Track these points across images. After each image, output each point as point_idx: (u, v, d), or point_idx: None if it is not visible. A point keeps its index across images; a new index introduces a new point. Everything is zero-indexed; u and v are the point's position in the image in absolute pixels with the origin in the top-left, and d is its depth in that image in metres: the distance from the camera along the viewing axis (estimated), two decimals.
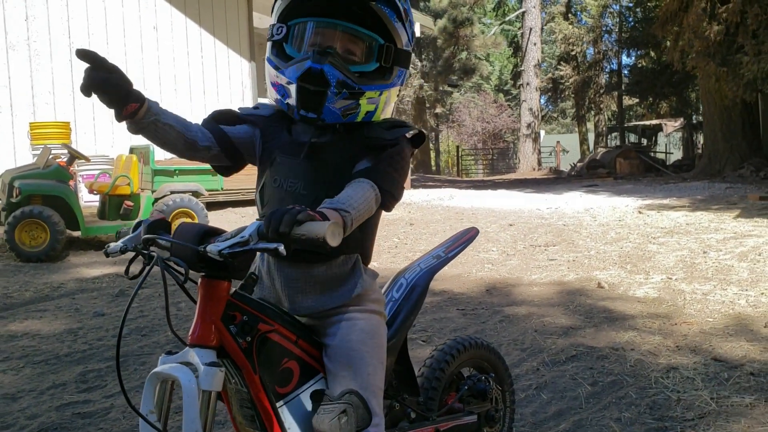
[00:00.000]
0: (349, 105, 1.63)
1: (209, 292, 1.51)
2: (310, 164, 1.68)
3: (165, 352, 1.54)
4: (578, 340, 4.04)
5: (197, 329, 1.50)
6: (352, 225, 1.47)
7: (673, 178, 18.03)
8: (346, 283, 1.72)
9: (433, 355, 2.26)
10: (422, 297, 2.08)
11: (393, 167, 1.64)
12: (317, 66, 1.58)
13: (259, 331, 1.57)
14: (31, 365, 3.79)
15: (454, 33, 27.84)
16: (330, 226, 1.29)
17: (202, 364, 1.45)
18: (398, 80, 1.72)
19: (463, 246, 2.32)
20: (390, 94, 1.71)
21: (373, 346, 1.72)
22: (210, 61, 12.46)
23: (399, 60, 1.70)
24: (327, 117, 1.63)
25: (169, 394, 1.53)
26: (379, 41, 1.66)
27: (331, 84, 1.59)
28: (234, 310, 1.54)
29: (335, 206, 1.45)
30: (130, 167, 7.80)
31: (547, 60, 36.91)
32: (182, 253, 1.45)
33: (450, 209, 11.37)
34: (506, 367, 2.49)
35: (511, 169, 32.09)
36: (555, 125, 47.92)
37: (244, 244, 1.37)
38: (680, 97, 28.05)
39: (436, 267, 2.17)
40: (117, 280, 6.00)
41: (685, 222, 8.67)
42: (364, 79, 1.65)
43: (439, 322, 4.52)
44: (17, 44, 10.01)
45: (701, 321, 4.35)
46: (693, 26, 15.98)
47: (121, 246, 1.55)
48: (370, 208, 1.56)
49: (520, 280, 5.80)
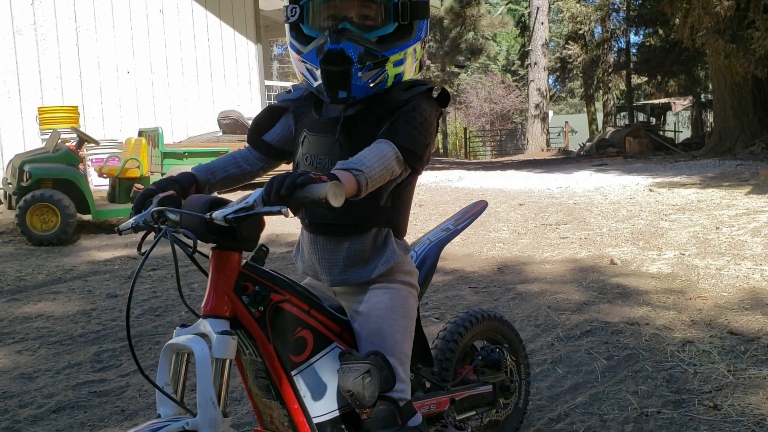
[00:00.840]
0: (376, 74, 1.63)
1: (220, 263, 1.52)
2: (340, 139, 1.68)
3: (179, 326, 1.54)
4: (592, 315, 4.03)
5: (210, 300, 1.50)
6: (368, 184, 1.46)
7: (683, 156, 17.89)
8: (378, 256, 1.73)
9: (446, 327, 2.27)
10: (432, 268, 2.09)
11: (409, 123, 1.61)
12: (336, 46, 1.58)
13: (271, 300, 1.57)
14: (46, 346, 3.81)
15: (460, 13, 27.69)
16: (331, 186, 1.30)
17: (215, 333, 1.45)
18: (421, 33, 1.69)
19: (472, 219, 2.32)
20: (415, 50, 1.69)
21: (402, 315, 1.74)
22: (216, 43, 12.41)
23: (417, 13, 1.66)
24: (357, 93, 1.63)
25: (185, 367, 1.53)
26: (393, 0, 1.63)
27: (353, 60, 1.59)
28: (246, 281, 1.54)
29: (346, 166, 1.45)
30: (139, 150, 7.80)
31: (555, 39, 36.62)
32: (190, 224, 1.46)
33: (459, 190, 11.34)
34: (520, 339, 2.48)
35: (519, 150, 31.94)
36: (563, 105, 47.65)
37: (248, 209, 1.39)
38: (689, 75, 27.79)
39: (445, 239, 2.18)
40: (129, 262, 6.02)
41: (696, 199, 8.61)
42: (385, 44, 1.63)
43: (451, 299, 4.51)
44: (24, 29, 9.99)
45: (716, 295, 4.32)
46: (703, 2, 15.78)
47: (132, 223, 1.56)
48: (388, 166, 1.53)
49: (532, 258, 5.78)
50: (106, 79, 10.89)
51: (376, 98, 1.68)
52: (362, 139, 1.63)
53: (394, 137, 1.58)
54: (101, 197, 8.21)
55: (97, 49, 10.79)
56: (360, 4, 1.62)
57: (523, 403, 2.44)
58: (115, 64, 11.01)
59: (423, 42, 1.72)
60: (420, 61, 1.74)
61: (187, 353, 1.51)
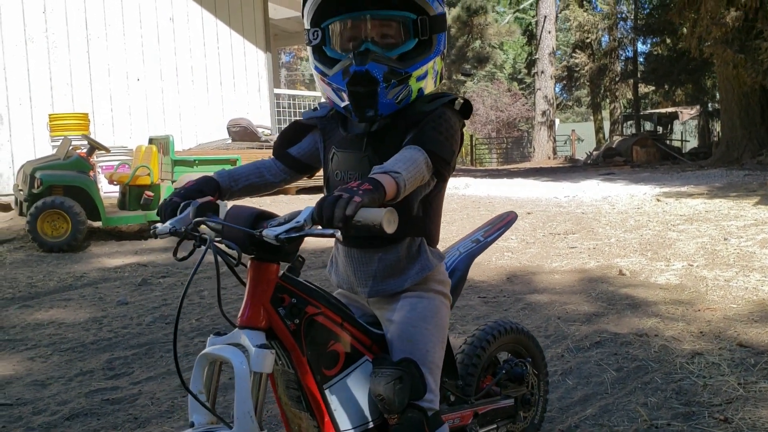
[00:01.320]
0: (400, 90, 1.67)
1: (259, 274, 1.52)
2: (368, 154, 1.71)
3: (213, 333, 1.55)
4: (601, 326, 4.04)
5: (247, 311, 1.51)
6: (405, 186, 1.47)
7: (690, 165, 17.87)
8: (412, 266, 1.75)
9: (471, 338, 2.25)
10: (462, 280, 2.08)
11: (436, 129, 1.64)
12: (362, 68, 1.62)
13: (306, 313, 1.59)
14: (58, 353, 3.84)
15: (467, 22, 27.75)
16: (386, 213, 1.31)
17: (253, 346, 1.47)
18: (440, 46, 1.73)
19: (503, 230, 2.30)
20: (435, 63, 1.73)
21: (434, 325, 1.76)
22: (226, 52, 12.47)
23: (435, 27, 1.69)
24: (384, 110, 1.67)
25: (217, 375, 1.55)
26: (411, 17, 1.67)
27: (379, 81, 1.63)
28: (283, 293, 1.56)
29: (385, 170, 1.46)
30: (150, 158, 7.85)
31: (562, 48, 36.65)
32: (234, 236, 1.47)
33: (466, 198, 11.35)
34: (542, 354, 2.46)
35: (525, 158, 31.94)
36: (570, 114, 47.63)
37: (299, 229, 1.39)
38: (696, 85, 27.77)
39: (475, 251, 2.17)
40: (139, 270, 6.05)
41: (704, 209, 8.61)
42: (407, 61, 1.68)
43: (460, 309, 4.52)
44: (35, 36, 10.07)
45: (725, 307, 4.33)
46: (711, 12, 15.80)
47: (170, 228, 1.55)
48: (420, 170, 1.55)
49: (541, 267, 5.79)
50: (116, 86, 10.95)
51: (401, 112, 1.71)
52: (389, 153, 1.65)
53: (421, 143, 1.61)
54: (111, 204, 8.26)
55: (108, 57, 10.87)
56: (380, 23, 1.66)
57: (539, 420, 2.44)
58: (126, 72, 11.08)
59: (442, 54, 1.76)
60: (440, 74, 1.77)
61: (220, 362, 1.52)
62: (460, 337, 3.77)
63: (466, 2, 27.31)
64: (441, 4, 1.72)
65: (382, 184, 1.39)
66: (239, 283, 1.59)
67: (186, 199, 1.64)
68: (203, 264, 1.48)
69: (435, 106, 1.68)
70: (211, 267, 1.43)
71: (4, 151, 9.74)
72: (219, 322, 4.25)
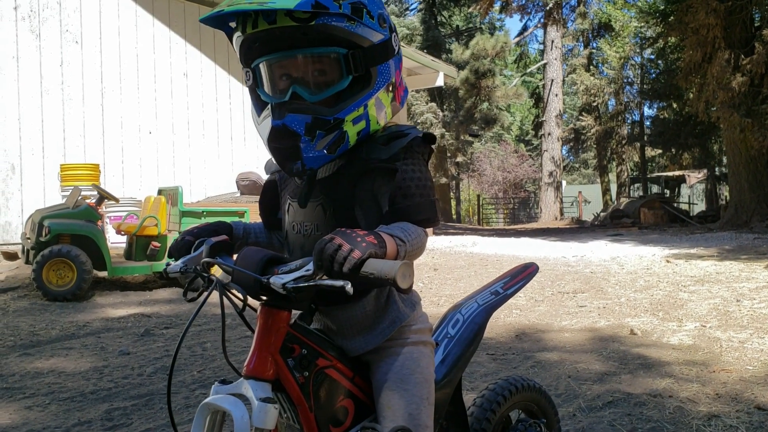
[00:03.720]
0: (332, 139, 1.50)
1: (269, 321, 1.44)
2: (322, 202, 1.59)
3: (219, 381, 1.46)
4: (614, 386, 3.92)
5: (254, 360, 1.42)
6: (404, 258, 1.37)
7: (698, 228, 17.82)
8: (382, 319, 1.61)
9: (484, 395, 2.12)
10: (480, 334, 1.97)
11: (409, 194, 1.50)
12: (278, 123, 1.48)
13: (317, 365, 1.49)
14: (56, 402, 3.75)
15: (475, 84, 28.14)
16: (401, 266, 1.21)
17: (257, 399, 1.37)
18: (383, 78, 1.55)
19: (523, 282, 2.19)
20: (379, 98, 1.55)
21: (416, 382, 1.60)
22: (237, 107, 12.66)
23: (373, 59, 1.52)
24: (312, 164, 1.51)
25: (219, 426, 1.46)
26: (341, 52, 1.49)
27: (299, 134, 1.48)
28: (293, 342, 1.46)
29: (392, 233, 1.36)
30: (158, 208, 7.86)
31: (569, 111, 37.10)
32: (243, 281, 1.37)
33: (473, 255, 11.29)
34: (556, 413, 2.35)
35: (532, 219, 31.98)
36: (577, 176, 47.89)
37: (308, 278, 1.31)
38: (703, 148, 27.93)
39: (494, 304, 2.06)
40: (142, 320, 5.98)
41: (714, 271, 8.52)
42: (341, 103, 1.50)
43: (468, 366, 4.40)
44: (51, 89, 10.25)
45: (740, 369, 4.21)
46: (717, 77, 16.01)
47: (181, 266, 1.50)
48: (420, 247, 1.45)
49: (550, 326, 5.69)
50: (128, 138, 11.08)
51: (354, 152, 1.56)
52: (344, 198, 1.55)
53: (407, 216, 1.48)
54: (118, 254, 8.24)
55: (121, 110, 11.03)
56: (311, 60, 1.51)
57: None
58: (138, 125, 11.22)
59: (390, 85, 1.57)
60: (394, 105, 1.61)
61: (222, 412, 1.43)
62: (470, 393, 3.66)
63: (474, 65, 27.76)
64: (380, 31, 1.53)
65: (386, 244, 1.30)
66: (248, 329, 1.51)
67: (199, 238, 1.58)
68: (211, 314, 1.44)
69: (390, 154, 1.53)
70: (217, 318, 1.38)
71: (14, 200, 9.79)
72: (222, 373, 4.16)
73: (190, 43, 11.96)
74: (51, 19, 10.28)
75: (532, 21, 31.67)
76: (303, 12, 1.40)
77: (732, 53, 16.08)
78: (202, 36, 12.13)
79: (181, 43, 11.85)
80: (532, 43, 37.54)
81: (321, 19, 1.42)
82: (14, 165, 9.82)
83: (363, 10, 1.49)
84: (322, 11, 1.41)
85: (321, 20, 1.42)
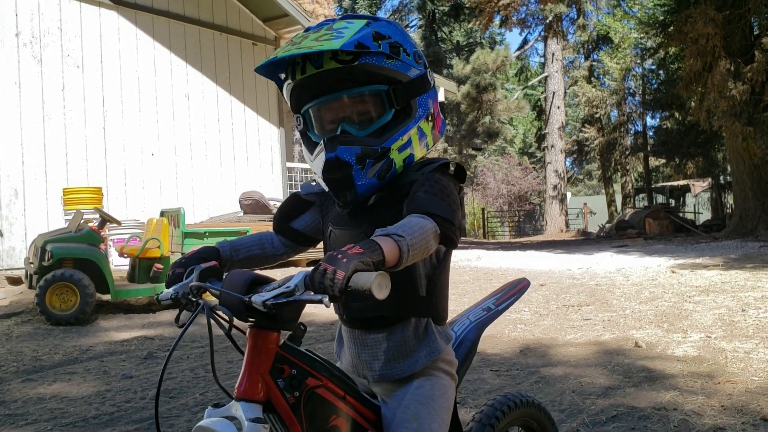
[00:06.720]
0: (380, 167, 1.61)
1: (258, 343, 1.45)
2: (365, 230, 1.62)
3: (212, 405, 1.48)
4: (618, 400, 3.89)
5: (244, 382, 1.43)
6: (409, 252, 1.37)
7: (704, 237, 17.74)
8: (420, 349, 1.67)
9: (482, 411, 2.11)
10: (472, 351, 1.97)
11: (428, 192, 1.55)
12: (331, 155, 1.59)
13: (307, 385, 1.50)
14: (59, 428, 3.73)
15: (477, 98, 28.25)
16: (377, 276, 1.23)
17: (246, 420, 1.38)
18: (423, 109, 1.66)
19: (515, 298, 2.21)
20: (420, 128, 1.66)
21: (440, 405, 1.67)
22: (240, 127, 12.72)
23: (412, 92, 1.63)
24: (365, 191, 1.62)
25: None
26: (382, 89, 1.60)
27: (351, 164, 1.59)
28: (282, 363, 1.48)
29: (387, 232, 1.38)
30: (160, 230, 7.88)
31: (571, 123, 37.12)
32: (229, 302, 1.40)
33: (478, 269, 11.26)
34: (556, 428, 2.33)
35: (538, 231, 31.90)
36: (581, 187, 47.84)
37: (289, 294, 1.32)
38: (707, 157, 27.90)
39: (486, 320, 2.07)
40: (145, 343, 5.97)
41: (720, 281, 8.47)
42: (387, 134, 1.61)
43: (472, 383, 4.40)
44: (53, 113, 10.31)
45: (746, 380, 4.18)
46: (718, 86, 16.02)
47: (172, 293, 1.53)
48: (426, 237, 1.44)
49: (555, 340, 5.66)
50: (130, 160, 11.13)
51: (395, 184, 1.66)
52: (385, 224, 1.56)
53: (421, 207, 1.51)
54: (121, 277, 8.25)
55: (123, 132, 11.09)
56: (354, 101, 1.62)
57: None
58: (140, 147, 11.27)
59: (429, 116, 1.68)
60: (434, 133, 1.71)
61: None
62: (471, 411, 3.64)
63: (475, 80, 27.88)
64: (416, 66, 1.66)
65: (380, 246, 1.31)
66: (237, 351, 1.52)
67: (188, 267, 1.61)
68: (215, 335, 1.44)
69: (422, 173, 1.62)
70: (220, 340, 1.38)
71: (17, 225, 9.82)
72: (223, 396, 4.14)
73: (191, 65, 12.05)
74: (52, 44, 10.37)
75: (532, 34, 31.84)
76: (347, 54, 1.54)
77: (732, 62, 16.10)
78: (203, 57, 12.23)
79: (182, 65, 11.94)
80: (532, 56, 37.59)
81: (363, 59, 1.55)
82: (17, 190, 9.87)
83: (400, 48, 1.62)
84: (363, 51, 1.54)
85: (363, 60, 1.55)
